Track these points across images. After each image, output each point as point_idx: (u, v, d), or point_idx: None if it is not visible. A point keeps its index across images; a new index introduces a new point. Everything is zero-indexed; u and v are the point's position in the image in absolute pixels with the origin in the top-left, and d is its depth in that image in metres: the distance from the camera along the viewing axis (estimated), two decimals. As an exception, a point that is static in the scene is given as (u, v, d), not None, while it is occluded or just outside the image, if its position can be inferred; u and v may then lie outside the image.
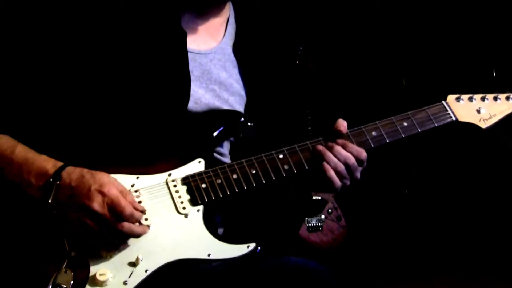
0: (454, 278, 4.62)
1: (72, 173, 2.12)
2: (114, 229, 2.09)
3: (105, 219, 2.08)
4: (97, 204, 2.07)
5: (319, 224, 4.76)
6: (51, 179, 2.11)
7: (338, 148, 2.31)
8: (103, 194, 2.09)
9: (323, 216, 4.78)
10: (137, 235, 2.14)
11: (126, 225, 2.11)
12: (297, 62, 4.78)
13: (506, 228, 4.83)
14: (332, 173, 2.29)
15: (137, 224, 2.14)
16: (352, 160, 2.31)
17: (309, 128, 4.67)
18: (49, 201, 2.09)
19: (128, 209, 2.11)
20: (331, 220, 4.81)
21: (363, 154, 2.33)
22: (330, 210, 4.83)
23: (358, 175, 2.35)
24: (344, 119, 2.41)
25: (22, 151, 2.18)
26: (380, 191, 5.15)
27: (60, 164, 2.15)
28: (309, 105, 4.78)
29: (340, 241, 4.82)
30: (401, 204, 5.16)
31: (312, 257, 2.41)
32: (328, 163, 2.29)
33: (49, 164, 2.15)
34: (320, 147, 2.33)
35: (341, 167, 2.30)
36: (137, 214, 2.14)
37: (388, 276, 4.74)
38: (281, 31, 2.72)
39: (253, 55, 2.59)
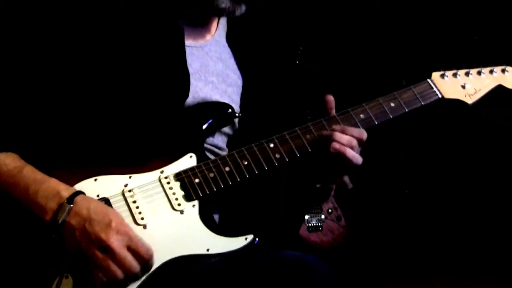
0: (454, 278, 4.60)
1: (90, 201, 2.11)
2: (124, 268, 2.06)
3: (120, 258, 2.05)
4: (115, 241, 2.04)
5: (319, 224, 4.75)
6: (65, 201, 2.08)
7: (339, 134, 2.32)
8: (123, 233, 2.07)
9: (323, 216, 4.78)
10: (137, 278, 2.11)
11: (137, 268, 2.08)
12: (297, 62, 4.80)
13: (506, 227, 4.82)
14: (350, 152, 2.29)
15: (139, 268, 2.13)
16: (354, 142, 2.31)
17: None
18: (58, 222, 2.06)
19: (150, 253, 2.11)
20: (331, 220, 4.81)
21: (364, 134, 2.34)
22: (330, 210, 4.83)
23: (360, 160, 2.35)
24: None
25: (30, 172, 2.15)
26: (380, 191, 5.14)
27: (73, 189, 2.13)
28: (309, 105, 4.79)
29: (340, 241, 4.81)
30: (401, 204, 5.16)
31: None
32: (340, 143, 2.29)
33: (61, 186, 2.12)
34: (326, 132, 2.34)
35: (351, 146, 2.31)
36: (152, 260, 2.13)
37: (388, 276, 4.73)
38: (275, 20, 2.73)
39: (246, 44, 2.62)
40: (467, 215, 5.03)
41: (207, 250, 2.19)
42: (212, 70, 2.50)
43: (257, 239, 2.24)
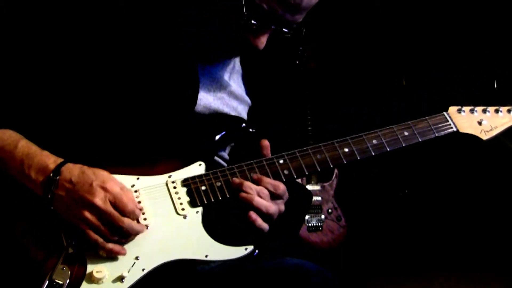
0: (453, 278, 4.63)
1: (73, 169, 2.13)
2: (114, 225, 2.11)
3: (106, 214, 2.09)
4: (99, 199, 2.09)
5: (319, 224, 4.78)
6: (51, 174, 2.11)
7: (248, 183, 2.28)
8: (105, 189, 2.11)
9: (323, 216, 4.80)
10: (136, 232, 2.16)
11: (127, 221, 2.12)
12: (297, 62, 4.78)
13: (504, 227, 4.84)
14: (258, 200, 2.26)
15: (135, 222, 2.16)
16: (265, 192, 2.28)
17: (309, 128, 4.68)
18: (48, 195, 2.10)
19: (130, 206, 2.14)
20: (331, 220, 4.84)
21: (280, 188, 2.30)
22: (330, 210, 4.85)
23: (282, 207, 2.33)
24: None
25: (24, 146, 2.19)
26: (380, 191, 5.17)
27: (60, 160, 2.16)
28: (309, 105, 4.79)
29: (340, 241, 4.84)
30: (401, 204, 5.18)
31: (312, 257, 2.42)
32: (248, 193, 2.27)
33: (50, 159, 2.16)
34: (237, 180, 2.30)
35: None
36: (137, 211, 2.16)
37: (388, 276, 4.76)
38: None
39: (257, 62, 2.61)
40: (467, 215, 5.06)
41: (206, 256, 2.21)
42: (225, 86, 2.52)
43: (257, 250, 2.25)
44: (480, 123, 2.53)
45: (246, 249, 2.24)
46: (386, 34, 5.05)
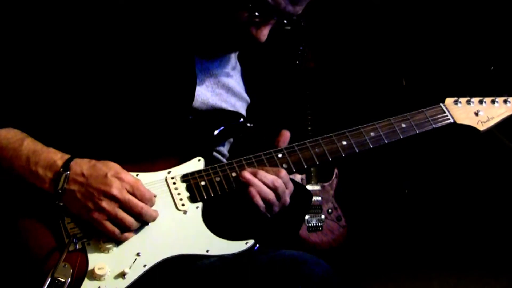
0: (453, 278, 4.63)
1: (82, 163, 2.15)
2: (133, 213, 2.13)
3: (125, 202, 2.12)
4: (116, 189, 2.11)
5: (319, 224, 4.78)
6: (61, 169, 2.13)
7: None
8: (120, 179, 2.13)
9: (323, 216, 4.80)
10: (153, 218, 2.18)
11: (145, 207, 2.15)
12: (297, 62, 4.80)
13: (504, 226, 4.84)
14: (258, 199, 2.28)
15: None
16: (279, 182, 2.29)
17: (309, 128, 4.69)
18: (59, 191, 2.11)
19: (148, 193, 2.17)
20: (331, 220, 4.84)
21: (281, 172, 2.31)
22: (330, 210, 4.85)
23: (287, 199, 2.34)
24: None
25: (30, 144, 2.19)
26: (380, 191, 5.17)
27: (67, 156, 2.17)
28: (309, 105, 4.80)
29: (340, 241, 4.84)
30: (401, 204, 5.18)
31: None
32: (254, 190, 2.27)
33: (57, 155, 2.17)
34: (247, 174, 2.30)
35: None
36: (153, 198, 2.19)
37: (388, 276, 4.75)
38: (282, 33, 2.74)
39: (256, 60, 2.63)
40: (467, 215, 5.06)
41: (207, 251, 2.22)
42: (222, 83, 2.53)
43: (257, 245, 2.26)
44: (476, 114, 2.55)
45: (246, 243, 2.25)
46: (385, 34, 5.06)
